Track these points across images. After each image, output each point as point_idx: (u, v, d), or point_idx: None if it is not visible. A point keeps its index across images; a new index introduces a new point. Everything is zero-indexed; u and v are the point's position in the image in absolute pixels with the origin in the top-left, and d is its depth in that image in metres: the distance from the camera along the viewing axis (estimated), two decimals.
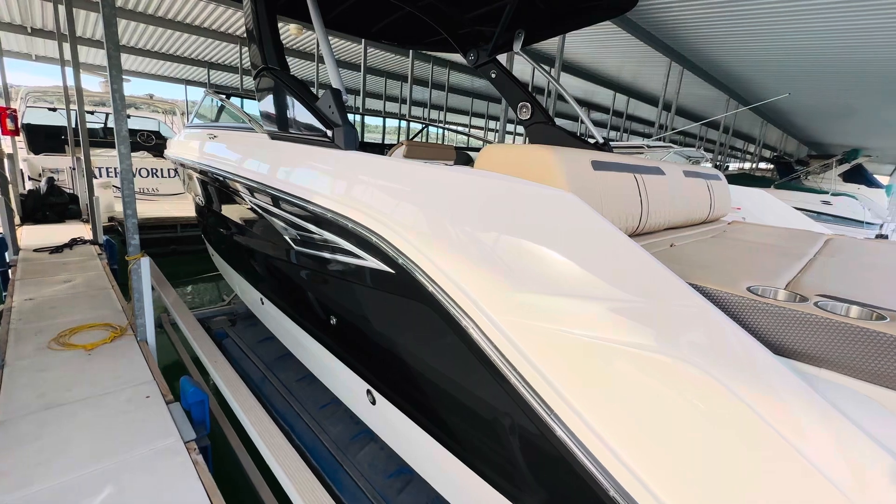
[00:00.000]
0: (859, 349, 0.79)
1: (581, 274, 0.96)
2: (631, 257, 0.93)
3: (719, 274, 1.06)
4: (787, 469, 0.72)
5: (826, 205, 11.25)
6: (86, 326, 2.80)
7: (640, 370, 0.85)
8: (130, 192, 2.49)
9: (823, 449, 0.71)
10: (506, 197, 1.12)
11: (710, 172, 2.24)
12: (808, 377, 0.80)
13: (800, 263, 1.27)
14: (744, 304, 0.90)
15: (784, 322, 0.86)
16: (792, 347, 0.85)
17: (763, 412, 0.74)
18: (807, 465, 0.70)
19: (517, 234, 1.06)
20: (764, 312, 0.88)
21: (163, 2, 9.13)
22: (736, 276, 1.04)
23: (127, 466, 1.71)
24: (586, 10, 2.82)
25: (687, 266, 1.15)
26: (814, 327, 0.83)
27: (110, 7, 2.27)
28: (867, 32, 6.65)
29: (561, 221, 1.02)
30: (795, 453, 0.71)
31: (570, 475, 0.96)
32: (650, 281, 0.89)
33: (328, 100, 1.78)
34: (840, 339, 0.81)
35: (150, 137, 9.08)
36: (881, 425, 0.76)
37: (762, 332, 0.88)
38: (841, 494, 0.69)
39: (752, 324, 0.89)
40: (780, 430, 0.73)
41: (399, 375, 1.56)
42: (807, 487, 0.70)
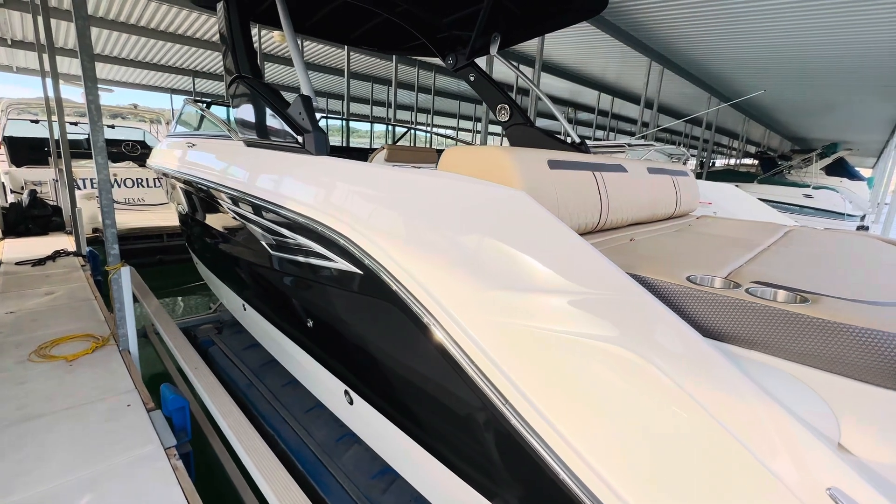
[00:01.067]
0: (784, 331, 0.84)
1: (533, 269, 1.00)
2: (578, 252, 0.98)
3: (665, 265, 1.10)
4: (715, 446, 0.77)
5: (808, 198, 11.48)
6: (67, 338, 2.80)
7: (583, 358, 0.90)
8: (109, 201, 2.50)
9: (749, 427, 0.75)
10: (459, 196, 1.16)
11: (677, 169, 2.30)
12: (737, 359, 0.85)
13: (750, 254, 1.33)
14: (681, 293, 0.95)
15: (717, 308, 0.90)
16: (725, 331, 0.90)
17: (693, 393, 0.79)
18: (733, 442, 0.75)
19: (472, 232, 1.11)
20: (699, 300, 0.93)
21: (144, 11, 9.11)
22: (681, 266, 1.09)
23: (107, 474, 1.72)
24: (559, 13, 2.88)
25: (636, 259, 1.20)
26: (743, 311, 0.88)
27: (83, 19, 2.29)
28: (841, 29, 6.82)
29: (513, 219, 1.07)
30: (723, 431, 0.76)
31: (530, 467, 1.00)
32: (595, 274, 0.94)
33: (298, 106, 1.82)
34: (767, 322, 0.85)
35: (136, 147, 9.03)
36: (803, 402, 0.81)
37: (698, 318, 0.93)
38: (765, 469, 0.73)
39: (688, 311, 0.93)
40: (708, 409, 0.77)
41: (373, 375, 1.60)
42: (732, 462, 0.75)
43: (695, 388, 0.78)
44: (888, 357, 0.75)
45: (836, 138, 19.92)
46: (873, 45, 7.28)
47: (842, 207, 11.09)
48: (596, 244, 1.42)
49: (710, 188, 2.98)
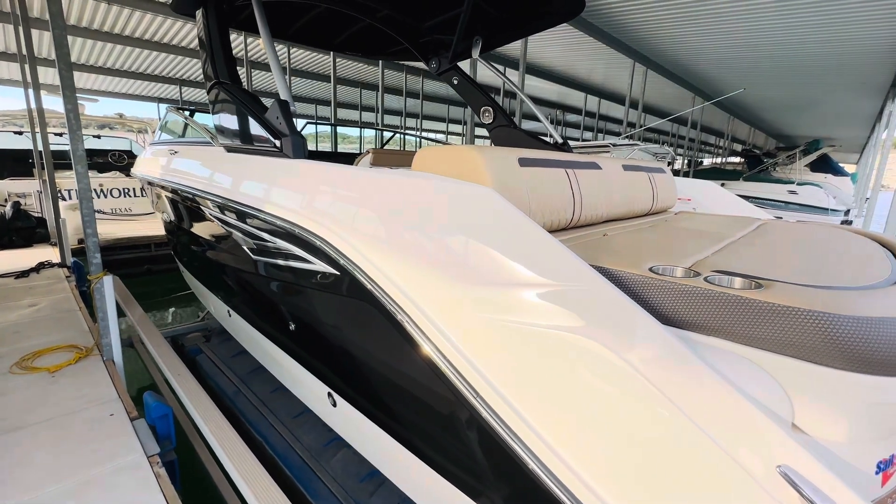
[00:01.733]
0: (739, 316, 0.86)
1: (501, 264, 1.02)
2: (542, 246, 1.00)
3: (630, 257, 1.13)
4: (672, 429, 0.79)
5: (793, 194, 11.66)
6: (50, 349, 2.77)
7: (547, 349, 0.92)
8: (90, 211, 2.49)
9: (705, 410, 0.77)
10: (429, 195, 1.18)
11: (654, 166, 2.34)
12: (696, 345, 0.87)
13: (718, 245, 1.36)
14: (643, 283, 0.97)
15: (677, 296, 0.93)
16: (685, 319, 0.92)
17: (653, 378, 0.81)
18: (690, 425, 0.77)
19: (441, 229, 1.12)
20: (660, 289, 0.95)
21: (129, 21, 9.07)
22: (646, 258, 1.12)
23: (89, 483, 1.70)
24: (538, 17, 2.92)
25: (604, 252, 1.22)
26: (701, 299, 0.90)
27: (60, 28, 2.28)
28: (819, 28, 6.97)
29: (479, 215, 1.09)
30: (681, 414, 0.78)
31: (506, 462, 1.01)
32: (558, 267, 0.96)
33: (276, 111, 1.83)
34: (723, 309, 0.88)
35: (122, 157, 8.95)
36: (757, 385, 0.84)
37: (659, 307, 0.95)
38: (720, 449, 0.76)
39: (650, 300, 0.96)
40: (667, 393, 0.79)
41: (354, 375, 1.60)
42: (688, 443, 0.77)
43: (653, 375, 0.80)
44: (836, 338, 0.78)
45: (819, 135, 20.28)
46: (851, 42, 7.45)
47: (826, 203, 11.28)
48: (569, 240, 1.44)
49: (691, 185, 3.03)
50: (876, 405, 0.82)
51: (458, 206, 1.12)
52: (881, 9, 6.04)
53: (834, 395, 0.81)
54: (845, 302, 0.82)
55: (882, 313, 0.79)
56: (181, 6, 2.39)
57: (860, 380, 0.79)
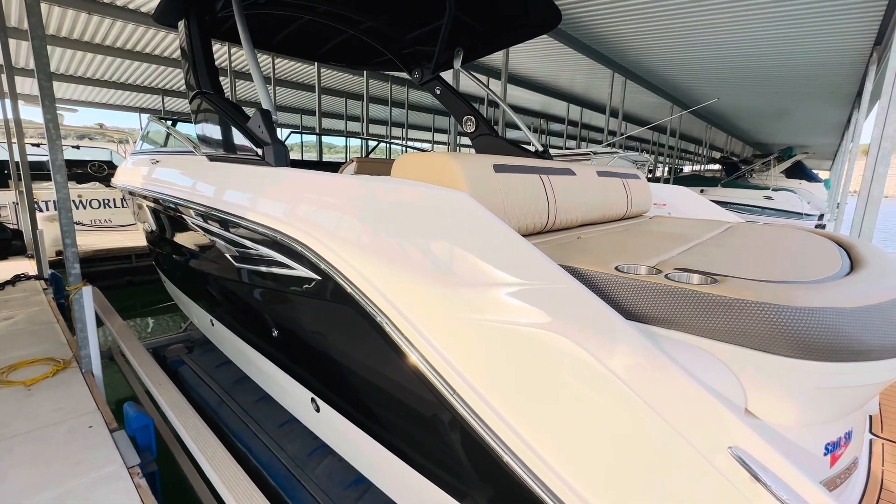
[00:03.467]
0: (695, 309, 0.92)
1: (474, 265, 1.06)
2: (513, 247, 1.05)
3: (598, 257, 1.19)
4: (633, 416, 0.83)
5: (768, 199, 12.04)
6: (26, 362, 2.71)
7: (520, 345, 0.96)
8: (69, 221, 2.47)
9: (662, 397, 0.82)
10: (405, 199, 1.22)
11: (628, 172, 2.42)
12: (657, 338, 0.92)
13: (685, 246, 1.43)
14: (608, 280, 1.03)
15: (639, 293, 0.98)
16: (647, 314, 0.98)
17: (615, 369, 0.86)
18: (649, 411, 0.82)
19: (417, 233, 1.17)
20: (624, 286, 1.01)
21: (109, 31, 8.99)
22: (614, 258, 1.18)
23: (67, 496, 1.68)
24: (516, 28, 3.02)
25: (575, 253, 1.28)
26: (662, 295, 0.96)
27: (40, 39, 2.29)
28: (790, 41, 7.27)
29: (454, 219, 1.13)
30: (641, 402, 0.83)
31: (481, 458, 1.04)
32: (528, 266, 1.01)
33: (258, 120, 1.86)
34: (681, 303, 0.94)
35: (102, 168, 8.81)
36: (712, 373, 0.89)
37: (623, 303, 1.00)
38: (676, 432, 0.80)
39: (615, 296, 1.01)
40: (628, 384, 0.84)
41: (335, 379, 1.62)
42: (647, 429, 0.82)
43: (616, 366, 0.85)
44: (782, 327, 0.84)
45: (793, 142, 20.96)
46: (818, 54, 7.79)
47: (800, 208, 11.67)
48: (543, 242, 1.50)
49: (666, 190, 3.13)
50: (822, 390, 0.88)
51: (434, 211, 1.17)
52: (845, 22, 6.35)
53: (783, 382, 0.87)
54: (792, 294, 0.88)
55: (824, 304, 0.86)
56: (163, 17, 2.41)
57: (806, 366, 0.85)
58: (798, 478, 0.73)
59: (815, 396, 0.88)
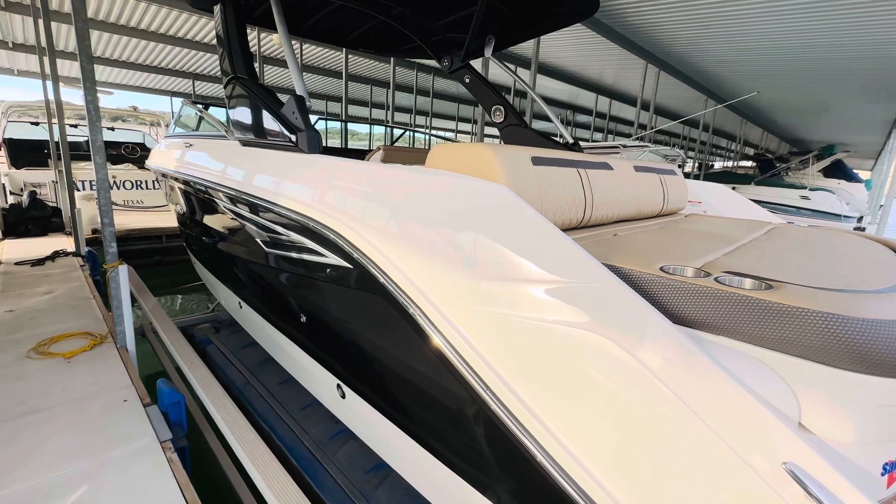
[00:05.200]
0: (748, 316, 0.88)
1: (511, 260, 1.04)
2: (554, 243, 1.01)
3: (641, 257, 1.14)
4: (679, 425, 0.80)
5: (805, 199, 11.54)
6: (65, 335, 2.83)
7: (558, 344, 0.93)
8: (107, 201, 2.54)
9: (713, 407, 0.79)
10: (443, 191, 1.20)
11: (665, 167, 2.34)
12: (706, 344, 0.88)
13: (729, 248, 1.37)
14: (653, 281, 0.99)
15: (687, 296, 0.94)
16: (694, 318, 0.94)
17: (662, 376, 0.82)
18: (698, 422, 0.79)
19: (455, 226, 1.14)
20: (671, 288, 0.96)
21: (145, 14, 9.18)
22: (657, 258, 1.13)
23: (102, 467, 1.75)
24: (551, 16, 2.93)
25: (614, 251, 1.24)
26: (711, 299, 0.92)
27: (83, 21, 2.33)
28: (837, 32, 6.88)
29: (493, 212, 1.11)
30: (689, 411, 0.80)
31: (515, 456, 1.03)
32: (570, 264, 0.97)
33: (292, 106, 1.86)
34: (733, 309, 0.89)
35: (135, 150, 9.07)
36: (765, 384, 0.85)
37: (669, 306, 0.96)
38: (727, 446, 0.77)
39: (660, 299, 0.97)
40: (675, 391, 0.81)
41: (363, 368, 1.63)
42: (695, 439, 0.78)
43: (662, 372, 0.82)
44: (845, 339, 0.79)
45: (833, 140, 20.00)
46: (866, 47, 7.35)
47: (838, 209, 11.16)
48: (580, 239, 1.46)
49: (701, 188, 3.02)
50: (883, 407, 0.83)
51: (472, 203, 1.14)
52: None
53: (841, 396, 0.82)
54: (855, 304, 0.83)
55: (891, 316, 0.80)
56: (199, 1, 2.43)
57: (867, 381, 0.80)
58: (856, 497, 0.69)
59: (875, 413, 0.83)
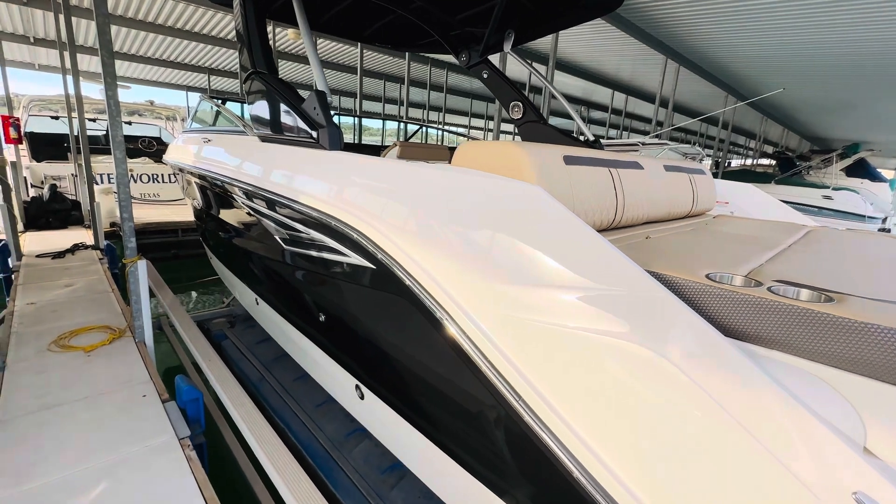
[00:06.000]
0: (807, 330, 0.82)
1: (547, 264, 0.99)
2: (594, 248, 0.96)
3: (683, 263, 1.08)
4: (735, 448, 0.75)
5: (827, 199, 11.22)
6: (85, 329, 2.85)
7: (602, 356, 0.88)
8: (127, 196, 2.55)
9: (771, 428, 0.73)
10: (475, 191, 1.15)
11: (694, 167, 2.26)
12: (758, 359, 0.83)
13: (770, 253, 1.30)
14: (701, 290, 0.93)
15: (738, 306, 0.88)
16: (745, 330, 0.88)
17: (713, 393, 0.77)
18: (754, 444, 0.73)
19: (486, 227, 1.10)
20: (719, 297, 0.91)
21: (162, 9, 9.24)
22: (699, 264, 1.07)
23: (122, 463, 1.75)
24: (574, 10, 2.85)
25: (653, 256, 1.18)
26: (765, 310, 0.86)
27: (104, 16, 2.32)
28: (863, 26, 6.64)
29: (528, 214, 1.06)
30: (744, 432, 0.74)
31: (542, 464, 0.99)
32: (611, 270, 0.92)
33: (313, 102, 1.83)
34: (789, 321, 0.83)
35: (151, 143, 9.17)
36: (827, 404, 0.79)
37: (717, 317, 0.91)
38: (788, 472, 0.71)
39: (708, 309, 0.92)
40: (728, 409, 0.75)
41: (384, 370, 1.60)
42: (751, 463, 0.73)
43: (714, 388, 0.77)
44: None
45: (858, 138, 19.43)
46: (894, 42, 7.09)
47: (862, 209, 10.82)
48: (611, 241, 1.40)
49: (728, 187, 2.93)
50: None
51: (505, 204, 1.10)
52: None
53: None
54: None
55: None
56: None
57: None
58: None
59: None
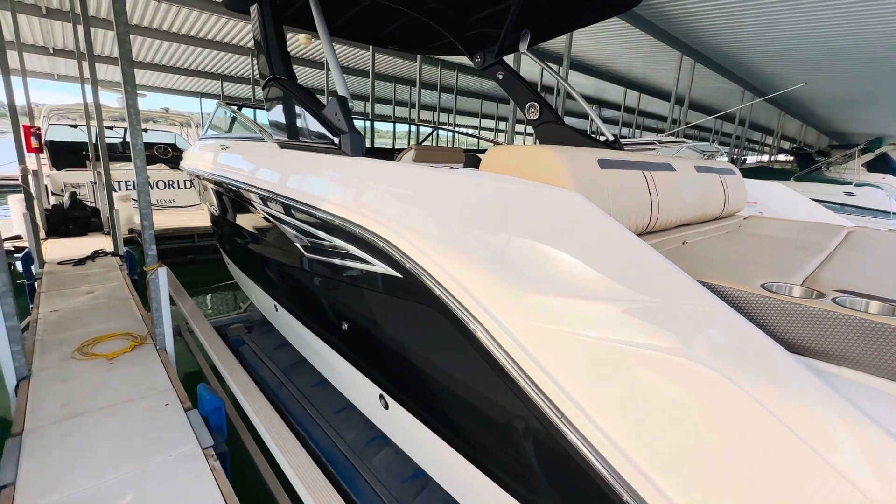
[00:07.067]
0: (881, 346, 0.76)
1: (589, 274, 0.94)
2: (639, 256, 0.91)
3: (732, 271, 1.03)
4: (807, 473, 0.69)
5: (850, 196, 10.92)
6: (107, 336, 2.87)
7: (650, 372, 0.83)
8: (147, 203, 2.55)
9: (845, 451, 0.68)
10: (511, 199, 1.11)
11: (724, 166, 2.19)
12: (827, 376, 0.77)
13: (818, 258, 1.23)
14: (758, 302, 0.87)
15: (800, 319, 0.83)
16: (810, 346, 0.82)
17: (780, 415, 0.71)
18: (827, 468, 0.68)
19: (523, 236, 1.05)
20: (779, 310, 0.85)
21: (176, 18, 9.38)
22: (750, 272, 1.01)
23: (147, 473, 1.74)
24: (590, 8, 2.79)
25: (698, 264, 1.12)
26: (832, 324, 0.80)
27: (124, 25, 2.33)
28: (886, 18, 6.44)
29: (567, 222, 1.01)
30: (815, 456, 0.69)
31: (581, 479, 0.95)
32: (659, 280, 0.87)
33: (334, 107, 1.80)
34: (860, 336, 0.77)
35: (167, 150, 9.30)
36: None
37: (778, 331, 0.85)
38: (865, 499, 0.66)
39: (766, 322, 0.86)
40: (798, 432, 0.70)
41: (411, 380, 1.56)
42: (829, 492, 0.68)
43: (783, 409, 0.71)
44: None
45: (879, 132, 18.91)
46: None
47: (887, 205, 10.51)
48: None
49: (755, 186, 2.84)
50: None
51: (542, 211, 1.05)
52: None
53: None
54: None
55: None
56: (235, 3, 2.40)
57: None
58: None
59: None
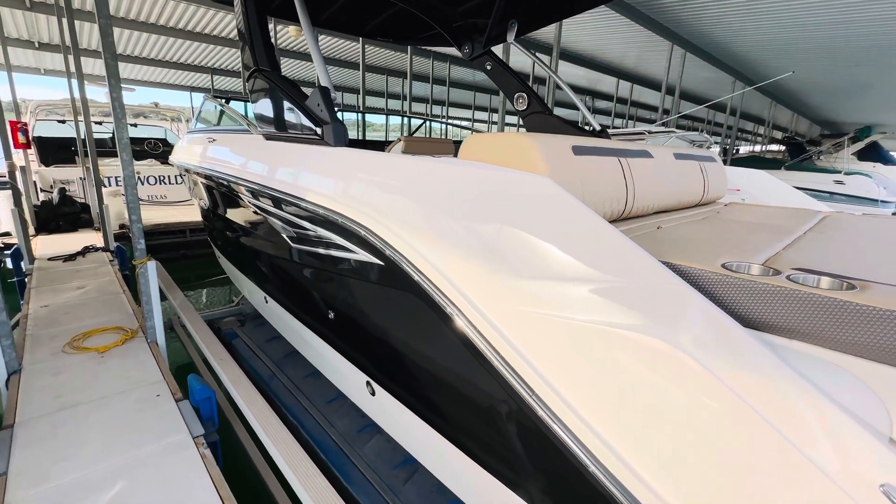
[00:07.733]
0: (829, 319, 0.79)
1: (558, 257, 0.97)
2: (605, 239, 0.95)
3: (697, 252, 1.06)
4: (757, 441, 0.73)
5: (839, 184, 11.03)
6: (98, 330, 2.89)
7: (614, 348, 0.87)
8: (134, 198, 2.56)
9: (794, 420, 0.72)
10: (484, 184, 1.13)
11: (704, 154, 2.22)
12: (779, 349, 0.81)
13: (787, 240, 1.27)
14: (717, 280, 0.91)
15: (756, 295, 0.86)
16: (764, 320, 0.86)
17: (733, 385, 0.75)
18: (777, 436, 0.72)
19: (496, 221, 1.08)
20: (737, 287, 0.89)
21: (163, 10, 9.25)
22: (714, 253, 1.05)
23: (138, 462, 1.77)
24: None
25: (666, 246, 1.16)
26: (785, 299, 0.84)
27: (106, 18, 2.32)
28: (871, 4, 6.47)
29: (537, 206, 1.04)
30: (766, 424, 0.73)
31: (557, 458, 0.98)
32: (624, 261, 0.90)
33: (317, 98, 1.81)
34: (810, 310, 0.81)
35: (157, 145, 9.22)
36: (851, 394, 0.77)
37: (735, 307, 0.89)
38: (812, 465, 0.70)
39: (725, 299, 0.89)
40: (749, 401, 0.74)
41: (395, 366, 1.60)
42: (774, 456, 0.71)
43: (735, 380, 0.75)
44: None
45: (870, 121, 19.04)
46: None
47: (875, 193, 10.62)
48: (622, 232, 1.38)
49: (738, 174, 2.88)
50: None
51: (515, 196, 1.08)
52: None
53: None
54: None
55: None
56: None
57: None
58: None
59: None
